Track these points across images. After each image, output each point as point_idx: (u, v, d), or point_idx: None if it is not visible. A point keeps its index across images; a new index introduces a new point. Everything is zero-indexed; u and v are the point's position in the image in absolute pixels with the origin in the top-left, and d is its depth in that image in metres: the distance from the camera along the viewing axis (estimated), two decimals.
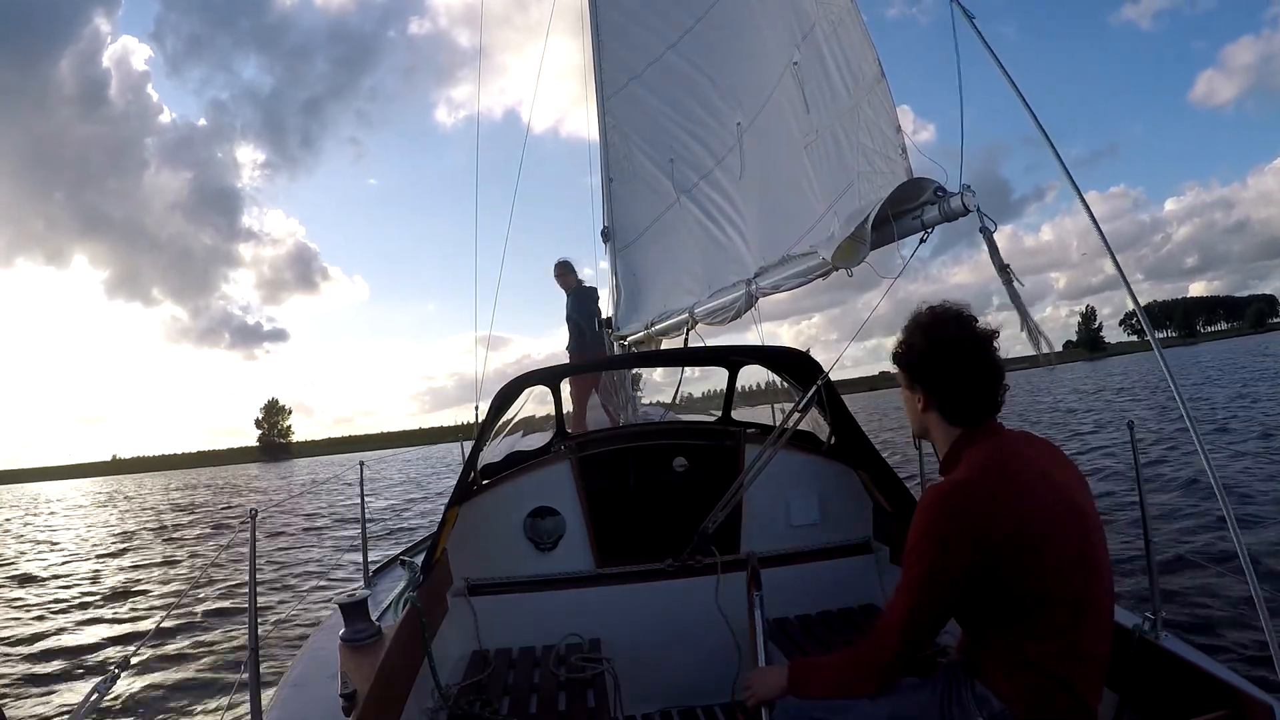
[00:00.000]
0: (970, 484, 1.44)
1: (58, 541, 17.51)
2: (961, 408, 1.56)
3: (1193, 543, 6.51)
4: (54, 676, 6.16)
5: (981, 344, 1.54)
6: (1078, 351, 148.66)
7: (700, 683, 2.83)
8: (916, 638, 1.47)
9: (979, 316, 1.59)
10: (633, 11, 5.21)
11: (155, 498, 31.28)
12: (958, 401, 1.56)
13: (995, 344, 1.56)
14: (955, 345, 1.54)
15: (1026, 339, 1.97)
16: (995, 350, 1.56)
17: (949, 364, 1.55)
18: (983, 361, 1.54)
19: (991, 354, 1.55)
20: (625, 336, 5.82)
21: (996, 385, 1.55)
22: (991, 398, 1.55)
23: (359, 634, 2.06)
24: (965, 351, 1.54)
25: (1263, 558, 5.54)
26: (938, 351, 1.56)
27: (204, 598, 8.43)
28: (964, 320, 1.57)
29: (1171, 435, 12.46)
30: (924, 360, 1.58)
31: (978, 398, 1.54)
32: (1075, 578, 1.40)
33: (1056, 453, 1.57)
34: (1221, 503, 1.54)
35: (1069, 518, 1.43)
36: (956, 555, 1.40)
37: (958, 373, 1.54)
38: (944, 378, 1.56)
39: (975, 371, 1.54)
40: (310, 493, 20.61)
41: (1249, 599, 1.48)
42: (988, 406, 1.55)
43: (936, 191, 2.17)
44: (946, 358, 1.55)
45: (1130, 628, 1.79)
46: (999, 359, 1.56)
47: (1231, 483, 8.38)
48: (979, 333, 1.56)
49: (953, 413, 1.57)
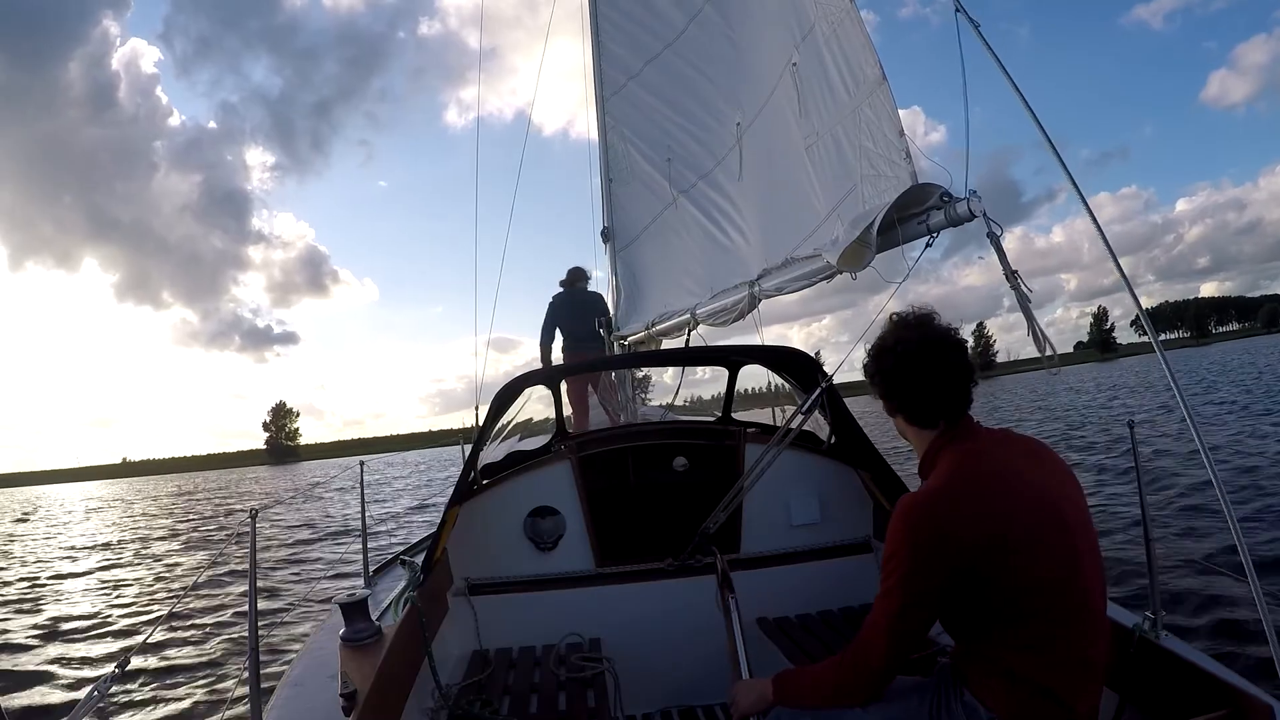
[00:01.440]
0: (941, 494, 1.42)
1: (61, 542, 17.51)
2: (921, 410, 1.54)
3: (1192, 542, 6.51)
4: (54, 676, 6.16)
5: (932, 345, 1.51)
6: (1089, 353, 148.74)
7: (700, 682, 2.83)
8: (898, 647, 1.45)
9: (977, 318, 1.57)
10: (631, 11, 5.21)
11: (141, 505, 31.26)
12: (915, 404, 1.54)
13: (959, 343, 1.53)
14: (900, 348, 1.53)
15: (1033, 343, 1.98)
16: (956, 349, 1.52)
17: (898, 367, 1.54)
18: (934, 362, 1.50)
19: (947, 354, 1.51)
20: (625, 336, 5.82)
21: (955, 385, 1.51)
22: (951, 398, 1.51)
23: (359, 634, 2.06)
24: (912, 353, 1.51)
25: (1263, 558, 5.54)
26: (886, 357, 1.56)
27: (204, 598, 8.43)
28: (918, 323, 1.54)
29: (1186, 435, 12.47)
30: (876, 366, 1.58)
31: (934, 400, 1.52)
32: (1058, 585, 1.37)
33: (1039, 452, 1.52)
34: (1222, 502, 1.54)
35: (1049, 523, 1.39)
36: (930, 566, 1.38)
37: (908, 375, 1.52)
38: (896, 382, 1.55)
39: (926, 373, 1.51)
40: (298, 501, 20.59)
41: (1249, 599, 1.48)
42: (949, 407, 1.51)
43: (942, 196, 2.16)
44: (895, 362, 1.54)
45: (1130, 628, 1.79)
46: (960, 357, 1.52)
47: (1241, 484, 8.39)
48: (931, 334, 1.52)
49: (914, 415, 1.55)
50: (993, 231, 2.00)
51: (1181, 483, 8.85)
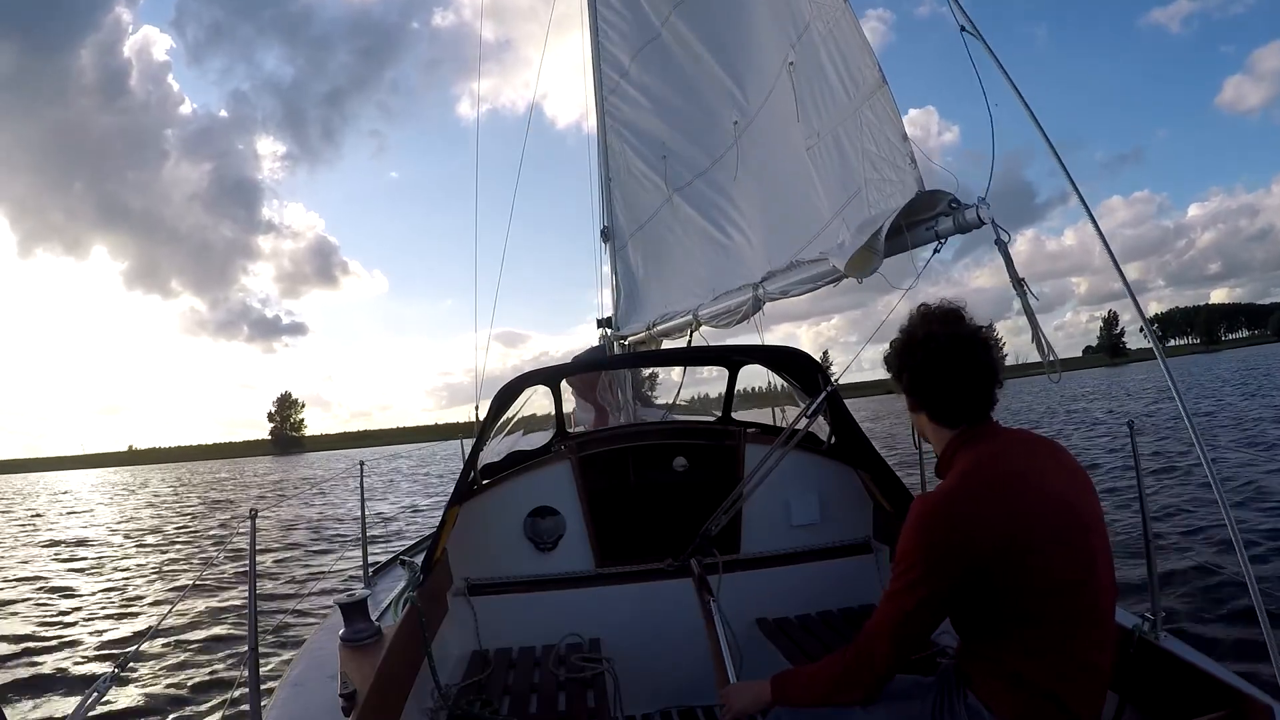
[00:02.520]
0: (958, 495, 1.40)
1: (61, 538, 17.50)
2: (945, 408, 1.51)
3: (1193, 542, 6.51)
4: (53, 676, 6.16)
5: (962, 343, 1.47)
6: (1099, 357, 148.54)
7: (700, 682, 2.83)
8: (902, 648, 1.44)
9: (987, 320, 1.51)
10: (628, 6, 5.20)
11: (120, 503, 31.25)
12: (940, 402, 1.51)
13: (988, 342, 1.49)
14: (931, 344, 1.48)
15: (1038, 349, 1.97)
16: (985, 349, 1.48)
17: (926, 363, 1.50)
18: (964, 360, 1.46)
19: (976, 352, 1.47)
20: (625, 337, 5.81)
21: (982, 385, 1.47)
22: (977, 398, 1.48)
23: (359, 634, 2.06)
24: (941, 350, 1.47)
25: (1264, 557, 5.54)
26: (913, 351, 1.52)
27: (204, 597, 8.43)
28: (947, 318, 1.50)
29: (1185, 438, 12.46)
30: (901, 359, 1.54)
31: (960, 398, 1.48)
32: (1072, 588, 1.35)
33: (1057, 454, 1.49)
34: (1220, 503, 1.54)
35: (1064, 528, 1.37)
36: (942, 569, 1.36)
37: (936, 372, 1.49)
38: (922, 377, 1.51)
39: (954, 371, 1.47)
40: (298, 501, 20.56)
41: (1249, 599, 1.48)
42: (974, 407, 1.48)
43: (951, 203, 2.15)
44: (923, 357, 1.50)
45: (1130, 628, 1.79)
46: (989, 357, 1.48)
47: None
48: (962, 331, 1.48)
49: (938, 413, 1.52)
50: (1000, 239, 2.00)
51: (1182, 483, 8.85)
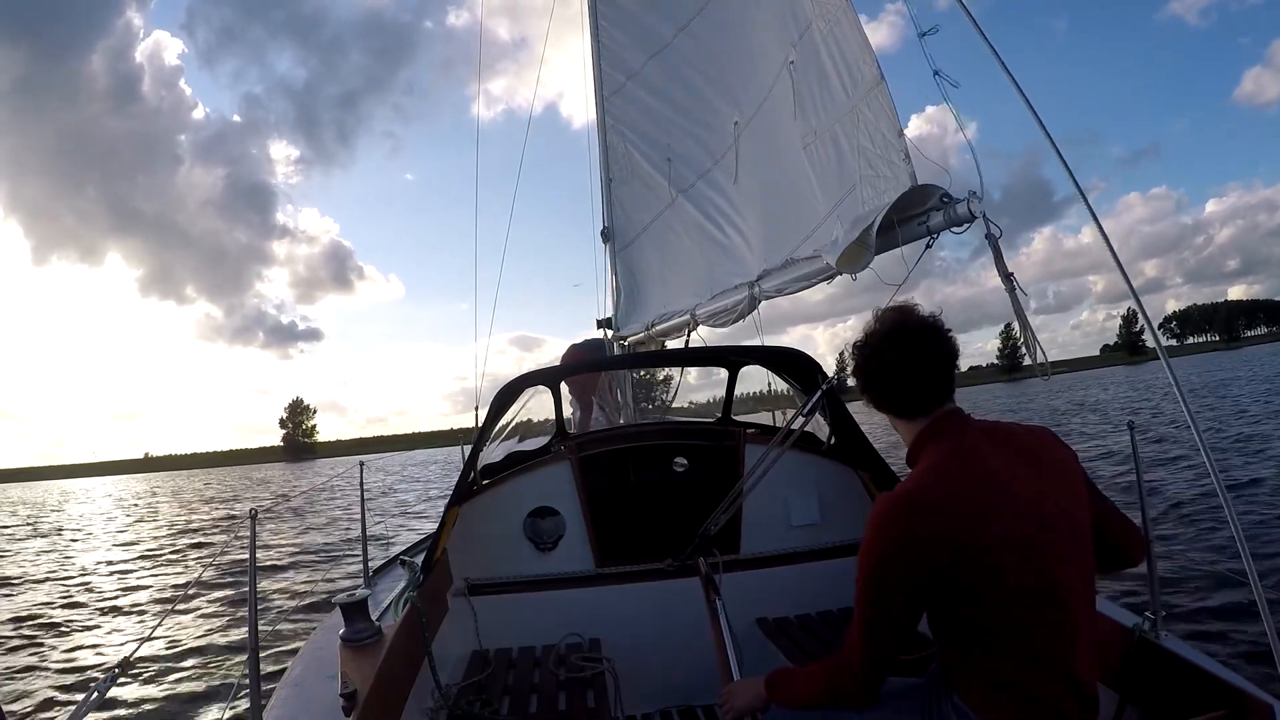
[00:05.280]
0: (912, 495, 1.37)
1: (63, 540, 17.52)
2: (894, 400, 1.52)
3: (1193, 542, 6.51)
4: (53, 676, 6.16)
5: (901, 333, 1.49)
6: (1118, 355, 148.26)
7: (700, 682, 2.83)
8: (873, 649, 1.42)
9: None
10: (630, 9, 5.21)
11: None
12: (888, 394, 1.52)
13: (935, 330, 1.49)
14: (873, 340, 1.52)
15: (1025, 347, 1.97)
16: (929, 335, 1.48)
17: (869, 359, 1.53)
18: (904, 350, 1.48)
19: (917, 340, 1.48)
20: (625, 337, 5.82)
21: (925, 372, 1.47)
22: (923, 386, 1.48)
23: (359, 634, 2.06)
24: (879, 345, 1.51)
25: (1264, 557, 5.54)
26: (860, 350, 1.56)
27: (204, 598, 8.43)
28: (886, 317, 1.53)
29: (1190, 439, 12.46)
30: (854, 362, 1.58)
31: (906, 388, 1.49)
32: (1030, 598, 1.32)
33: (1036, 447, 1.45)
34: (1224, 502, 1.54)
35: (1024, 536, 1.32)
36: (899, 571, 1.35)
37: (878, 366, 1.51)
38: (868, 373, 1.55)
39: (895, 362, 1.49)
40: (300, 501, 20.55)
41: (1250, 599, 1.48)
42: (923, 395, 1.49)
43: (942, 198, 2.16)
44: (868, 354, 1.53)
45: (1130, 628, 1.79)
46: (931, 342, 1.48)
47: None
48: (904, 321, 1.51)
49: (892, 406, 1.53)
50: (991, 233, 2.00)
51: (1183, 483, 8.85)
